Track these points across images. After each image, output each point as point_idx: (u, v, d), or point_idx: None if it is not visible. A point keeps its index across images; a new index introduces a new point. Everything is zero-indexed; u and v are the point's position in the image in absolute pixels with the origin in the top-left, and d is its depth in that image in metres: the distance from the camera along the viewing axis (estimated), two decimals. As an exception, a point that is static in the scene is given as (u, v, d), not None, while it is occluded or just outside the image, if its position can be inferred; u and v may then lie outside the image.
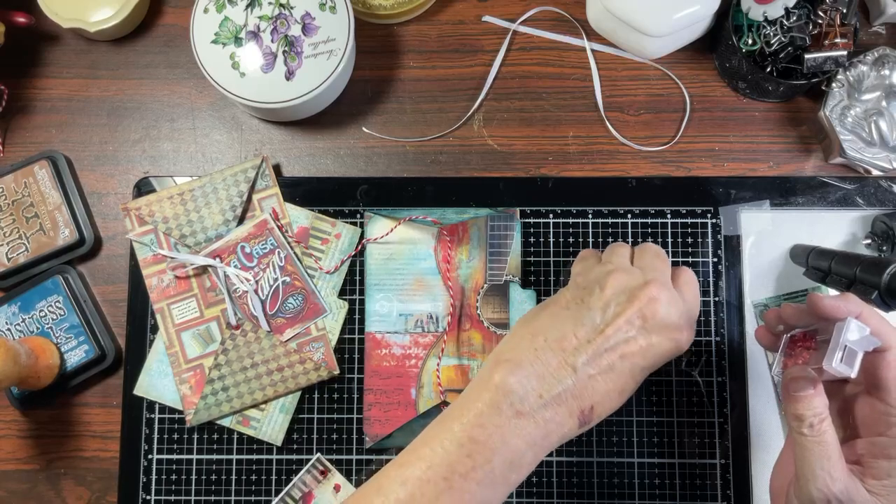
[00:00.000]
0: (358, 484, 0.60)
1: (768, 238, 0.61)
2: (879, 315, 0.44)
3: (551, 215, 0.62)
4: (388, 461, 0.60)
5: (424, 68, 0.65)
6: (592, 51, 0.65)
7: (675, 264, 0.61)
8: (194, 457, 0.60)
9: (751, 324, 0.60)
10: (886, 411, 0.43)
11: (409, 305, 0.61)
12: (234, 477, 0.60)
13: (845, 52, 0.58)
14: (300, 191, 0.63)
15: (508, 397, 0.43)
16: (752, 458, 0.59)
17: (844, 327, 0.42)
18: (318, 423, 0.61)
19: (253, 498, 0.60)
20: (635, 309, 0.45)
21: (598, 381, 0.44)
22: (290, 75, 0.59)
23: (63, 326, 0.61)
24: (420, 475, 0.42)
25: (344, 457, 0.60)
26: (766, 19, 0.58)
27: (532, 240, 0.62)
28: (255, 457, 0.60)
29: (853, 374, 0.42)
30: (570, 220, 0.62)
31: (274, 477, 0.60)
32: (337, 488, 0.60)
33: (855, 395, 0.46)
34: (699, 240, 0.62)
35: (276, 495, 0.60)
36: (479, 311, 0.61)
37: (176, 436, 0.61)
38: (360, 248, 0.62)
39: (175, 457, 0.60)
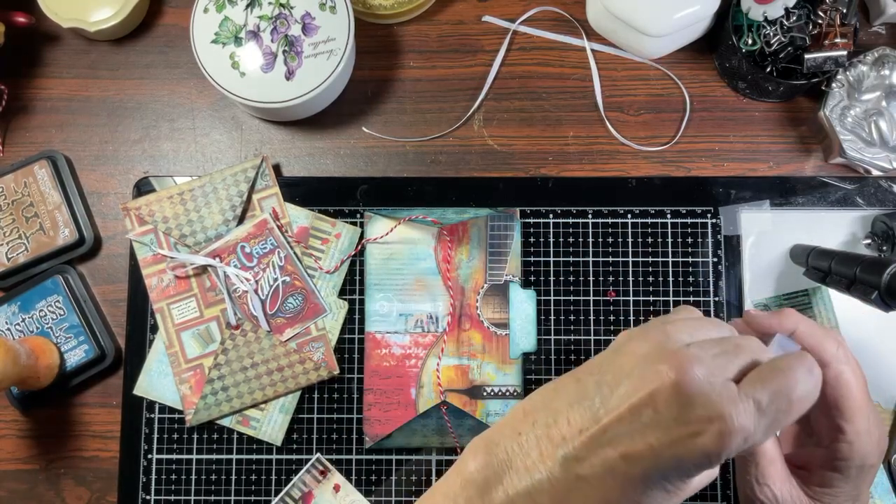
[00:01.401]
0: (358, 484, 0.60)
1: (768, 238, 0.61)
2: (821, 331, 0.43)
3: (551, 215, 0.62)
4: (387, 461, 0.60)
5: (424, 68, 0.65)
6: (592, 51, 0.65)
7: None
8: (194, 457, 0.60)
9: (751, 324, 0.60)
10: (830, 425, 0.43)
11: (409, 305, 0.61)
12: (233, 477, 0.60)
13: (845, 52, 0.58)
14: (300, 191, 0.63)
15: (468, 489, 0.36)
16: (752, 459, 0.59)
17: (772, 344, 0.42)
18: (318, 423, 0.61)
19: (253, 498, 0.60)
20: (648, 390, 0.33)
21: (588, 485, 0.33)
22: (290, 75, 0.59)
23: (63, 326, 0.61)
24: None
25: (344, 457, 0.60)
26: (766, 19, 0.58)
27: (532, 240, 0.62)
28: (254, 457, 0.60)
29: None
30: (570, 220, 0.62)
31: (274, 477, 0.60)
32: (337, 488, 0.60)
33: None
34: (699, 240, 0.62)
35: (276, 495, 0.60)
36: (479, 311, 0.61)
37: (176, 436, 0.61)
38: (360, 247, 0.62)
39: (175, 457, 0.60)
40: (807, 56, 0.58)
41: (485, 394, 0.60)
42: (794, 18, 0.58)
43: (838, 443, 0.42)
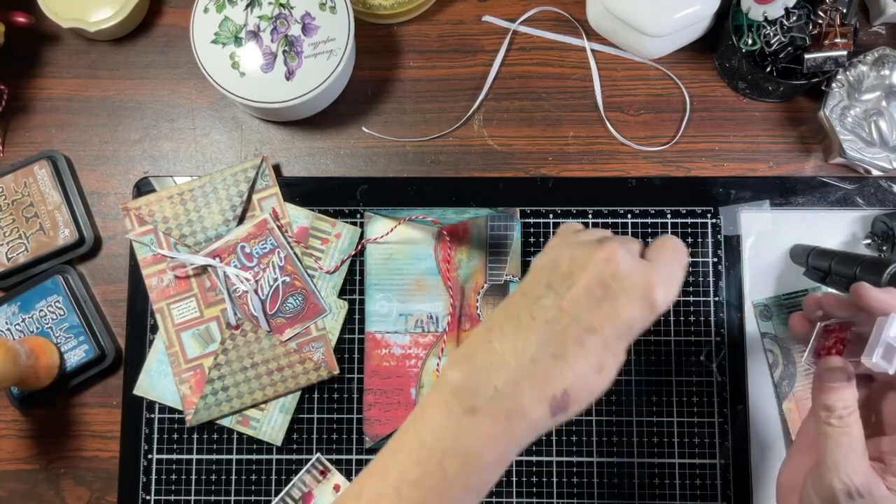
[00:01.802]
0: (358, 484, 0.60)
1: (768, 238, 0.61)
2: None
3: (551, 215, 0.62)
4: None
5: (424, 68, 0.65)
6: (592, 51, 0.65)
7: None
8: (194, 457, 0.60)
9: (751, 324, 0.60)
10: None
11: (409, 305, 0.61)
12: (233, 477, 0.60)
13: (845, 52, 0.58)
14: (300, 191, 0.63)
15: (458, 395, 0.39)
16: (752, 458, 0.59)
17: (888, 323, 0.42)
18: (318, 423, 0.61)
19: (253, 498, 0.60)
20: (591, 274, 0.40)
21: (565, 361, 0.39)
22: (290, 75, 0.59)
23: (63, 326, 0.61)
24: (373, 487, 0.40)
25: (344, 457, 0.60)
26: (766, 19, 0.58)
27: (532, 240, 0.62)
28: (254, 457, 0.60)
29: (892, 371, 0.42)
30: (570, 221, 0.62)
31: (274, 477, 0.60)
32: (337, 488, 0.60)
33: (884, 391, 0.46)
34: (699, 240, 0.62)
35: (276, 495, 0.60)
36: (479, 311, 0.61)
37: (176, 436, 0.61)
38: (360, 247, 0.62)
39: (175, 457, 0.60)
40: (807, 56, 0.58)
41: (485, 394, 0.60)
42: (794, 18, 0.58)
43: None
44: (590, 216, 0.62)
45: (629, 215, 0.62)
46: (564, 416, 0.40)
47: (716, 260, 0.61)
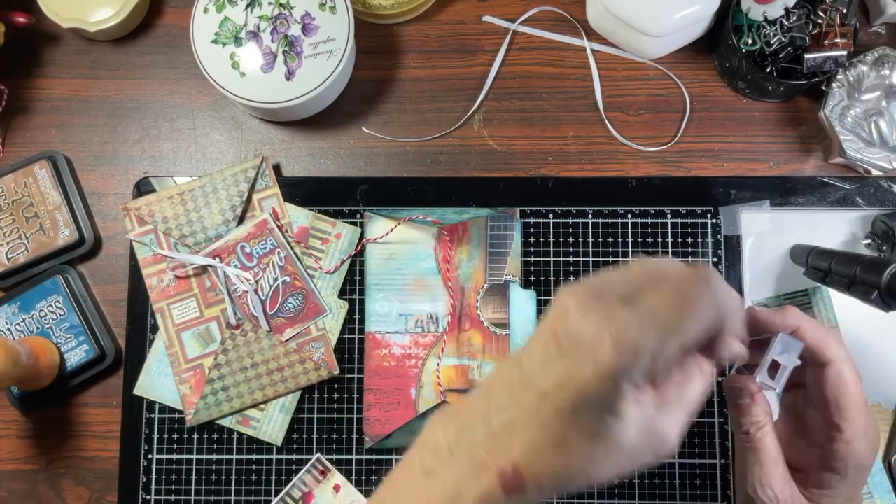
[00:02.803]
0: (358, 484, 0.60)
1: (768, 238, 0.61)
2: (823, 330, 0.43)
3: (551, 215, 0.62)
4: (387, 461, 0.60)
5: (424, 68, 0.65)
6: (592, 51, 0.65)
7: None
8: (194, 457, 0.60)
9: (751, 324, 0.60)
10: (828, 424, 0.43)
11: (409, 305, 0.61)
12: (234, 477, 0.60)
13: (845, 52, 0.58)
14: (300, 191, 0.63)
15: (422, 451, 0.37)
16: (752, 458, 0.59)
17: (772, 343, 0.42)
18: (318, 423, 0.61)
19: (253, 498, 0.60)
20: (546, 327, 0.35)
21: (516, 430, 0.34)
22: (290, 75, 0.59)
23: (63, 326, 0.61)
24: None
25: (344, 457, 0.60)
26: (766, 19, 0.58)
27: (532, 240, 0.62)
28: (255, 457, 0.60)
29: (778, 390, 0.42)
30: (570, 220, 0.62)
31: (274, 477, 0.60)
32: (337, 488, 0.60)
33: (806, 402, 0.46)
34: (699, 240, 0.62)
35: (276, 495, 0.60)
36: (479, 311, 0.61)
37: (176, 436, 0.61)
38: (360, 248, 0.62)
39: (175, 457, 0.60)
40: (807, 56, 0.58)
41: (485, 394, 0.60)
42: (794, 18, 0.58)
43: (836, 443, 0.42)
44: (590, 216, 0.62)
45: (629, 215, 0.62)
46: (526, 498, 0.34)
47: (716, 260, 0.61)
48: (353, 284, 0.62)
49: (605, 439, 0.33)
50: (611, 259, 0.62)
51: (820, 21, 0.58)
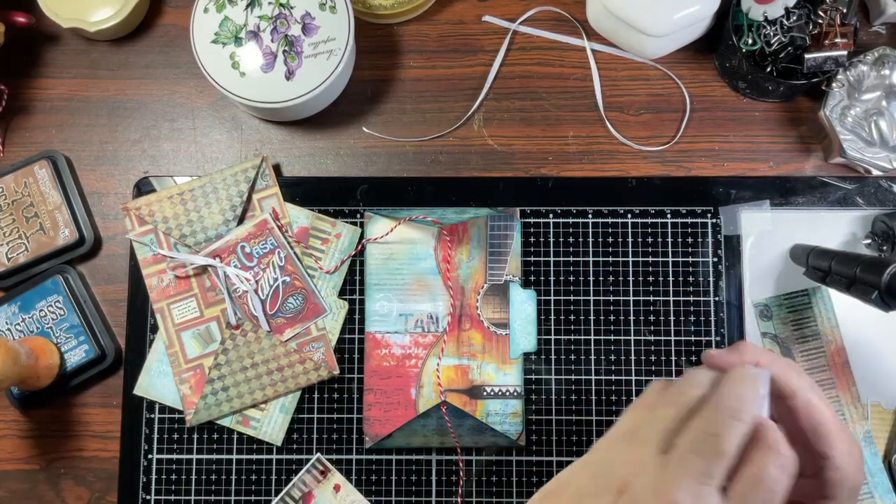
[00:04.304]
0: (358, 484, 0.60)
1: (768, 238, 0.61)
2: (782, 361, 0.43)
3: (551, 215, 0.62)
4: (387, 461, 0.60)
5: (424, 68, 0.65)
6: (592, 51, 0.65)
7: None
8: (194, 457, 0.60)
9: (751, 324, 0.60)
10: (813, 455, 0.42)
11: (409, 305, 0.61)
12: (234, 477, 0.60)
13: (845, 52, 0.58)
14: (300, 191, 0.63)
15: None
16: (752, 458, 0.59)
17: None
18: (318, 423, 0.61)
19: (253, 498, 0.60)
20: None
21: None
22: (290, 75, 0.59)
23: (63, 326, 0.61)
24: None
25: (344, 457, 0.60)
26: (766, 19, 0.58)
27: (532, 240, 0.62)
28: (255, 457, 0.60)
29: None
30: (570, 220, 0.62)
31: (274, 477, 0.60)
32: (337, 488, 0.60)
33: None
34: (699, 240, 0.62)
35: (276, 495, 0.60)
36: (479, 311, 0.61)
37: (176, 436, 0.61)
38: (360, 247, 0.62)
39: (175, 457, 0.60)
40: (807, 56, 0.58)
41: (485, 394, 0.60)
42: (794, 18, 0.58)
43: (827, 472, 0.41)
44: (590, 216, 0.62)
45: (629, 215, 0.62)
46: None
47: (716, 260, 0.61)
48: (353, 284, 0.62)
49: None
50: (611, 259, 0.62)
51: (820, 21, 0.58)
